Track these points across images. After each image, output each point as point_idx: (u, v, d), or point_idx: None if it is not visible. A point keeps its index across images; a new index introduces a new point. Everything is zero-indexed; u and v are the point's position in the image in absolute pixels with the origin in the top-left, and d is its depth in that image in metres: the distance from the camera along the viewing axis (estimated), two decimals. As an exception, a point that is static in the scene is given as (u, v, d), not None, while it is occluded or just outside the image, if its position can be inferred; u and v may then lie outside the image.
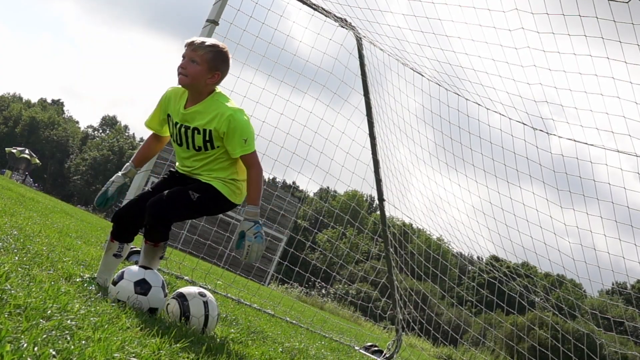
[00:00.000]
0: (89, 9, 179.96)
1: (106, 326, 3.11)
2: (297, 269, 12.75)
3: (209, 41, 5.24)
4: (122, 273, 4.35)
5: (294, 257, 14.24)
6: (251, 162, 5.04)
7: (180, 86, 5.17)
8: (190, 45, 5.14)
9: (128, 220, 5.19)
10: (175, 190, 5.06)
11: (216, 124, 4.98)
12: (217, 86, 5.24)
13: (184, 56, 5.12)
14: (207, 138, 5.04)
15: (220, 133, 4.98)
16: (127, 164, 5.38)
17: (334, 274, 14.12)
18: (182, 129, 5.11)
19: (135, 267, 4.45)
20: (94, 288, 5.09)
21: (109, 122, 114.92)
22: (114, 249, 5.22)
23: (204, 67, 5.09)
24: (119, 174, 5.31)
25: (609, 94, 8.90)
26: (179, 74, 5.09)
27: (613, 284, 12.55)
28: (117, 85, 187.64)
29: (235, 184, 5.21)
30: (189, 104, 5.14)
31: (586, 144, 9.61)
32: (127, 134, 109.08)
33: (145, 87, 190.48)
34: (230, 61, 5.40)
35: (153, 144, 5.56)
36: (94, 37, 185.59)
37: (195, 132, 5.08)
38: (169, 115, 5.26)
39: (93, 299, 3.92)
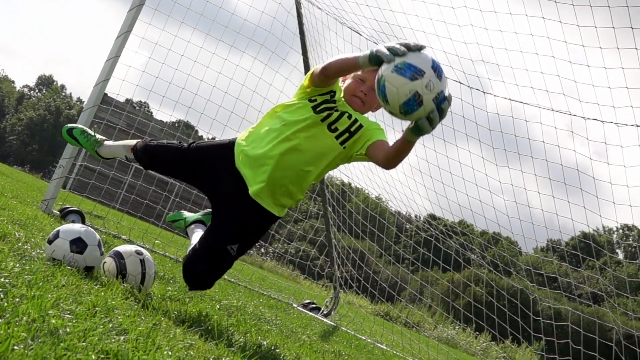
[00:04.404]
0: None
1: (40, 284, 3.10)
2: (236, 228, 12.73)
3: None
4: (58, 232, 4.31)
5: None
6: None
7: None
8: None
9: (149, 161, 5.08)
10: (214, 254, 4.62)
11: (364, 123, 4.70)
12: None
13: (363, 79, 4.72)
14: (353, 128, 4.66)
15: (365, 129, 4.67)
16: None
17: (273, 232, 14.14)
18: (331, 109, 4.69)
19: (71, 226, 4.42)
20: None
21: (45, 82, 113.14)
22: (128, 155, 5.22)
23: None
24: None
25: (544, 54, 9.03)
26: (355, 95, 4.74)
27: (547, 241, 12.81)
28: (53, 43, 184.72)
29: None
30: None
31: (521, 102, 9.73)
32: (63, 94, 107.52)
33: (81, 46, 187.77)
34: None
35: None
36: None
37: (346, 115, 4.67)
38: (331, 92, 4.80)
39: (27, 258, 3.89)
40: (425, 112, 3.75)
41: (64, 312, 2.74)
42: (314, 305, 11.13)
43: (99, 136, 5.52)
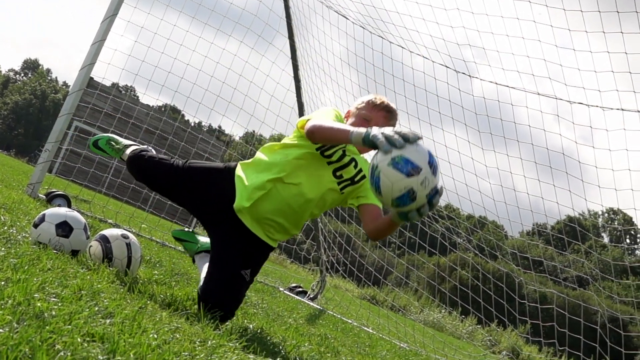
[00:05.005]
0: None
1: (26, 267, 3.09)
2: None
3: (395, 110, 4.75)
4: (43, 216, 4.31)
5: (219, 200, 14.17)
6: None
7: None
8: (391, 113, 4.64)
9: (140, 175, 4.97)
10: (231, 279, 4.37)
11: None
12: None
13: (367, 119, 4.55)
14: (356, 179, 4.57)
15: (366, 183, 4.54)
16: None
17: (260, 217, 14.10)
18: (341, 150, 4.55)
19: (57, 209, 4.41)
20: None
21: (31, 66, 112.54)
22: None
23: None
24: None
25: (530, 37, 9.06)
26: None
27: (533, 225, 12.88)
28: (38, 27, 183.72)
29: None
30: None
31: (507, 86, 9.75)
32: (49, 78, 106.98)
33: (66, 29, 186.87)
34: None
35: None
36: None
37: (353, 164, 4.58)
38: None
39: (13, 242, 3.89)
40: (416, 206, 3.67)
41: (49, 296, 2.74)
42: (300, 289, 11.15)
43: (124, 142, 5.43)
